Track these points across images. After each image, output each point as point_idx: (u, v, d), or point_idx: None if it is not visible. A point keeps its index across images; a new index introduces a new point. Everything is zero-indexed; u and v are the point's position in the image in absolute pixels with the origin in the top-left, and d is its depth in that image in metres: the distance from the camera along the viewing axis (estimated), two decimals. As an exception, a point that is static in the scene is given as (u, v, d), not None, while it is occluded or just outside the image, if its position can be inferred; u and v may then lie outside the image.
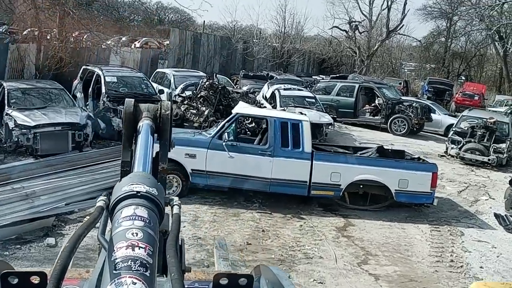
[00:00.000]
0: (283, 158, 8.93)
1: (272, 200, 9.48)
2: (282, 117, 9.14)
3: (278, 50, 32.27)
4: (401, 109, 19.49)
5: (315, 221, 8.72)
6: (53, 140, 10.80)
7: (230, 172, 8.92)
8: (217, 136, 8.95)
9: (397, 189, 9.03)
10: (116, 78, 13.92)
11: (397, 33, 40.72)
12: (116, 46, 21.31)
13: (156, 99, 13.71)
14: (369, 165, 9.10)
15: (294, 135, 8.98)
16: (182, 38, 24.51)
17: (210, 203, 9.04)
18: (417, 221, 9.21)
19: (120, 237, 1.08)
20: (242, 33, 33.81)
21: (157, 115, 1.61)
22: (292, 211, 9.09)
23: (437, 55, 49.75)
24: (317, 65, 38.69)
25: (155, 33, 42.95)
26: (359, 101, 20.44)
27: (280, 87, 17.17)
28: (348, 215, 9.16)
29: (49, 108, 11.57)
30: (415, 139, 18.96)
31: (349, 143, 16.62)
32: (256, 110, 9.79)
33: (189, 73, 18.28)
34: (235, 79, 23.54)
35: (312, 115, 14.91)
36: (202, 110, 12.08)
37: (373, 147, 10.46)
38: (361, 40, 39.92)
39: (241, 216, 8.56)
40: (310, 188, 9.01)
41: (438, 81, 36.24)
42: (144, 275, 1.01)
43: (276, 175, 8.93)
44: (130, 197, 1.19)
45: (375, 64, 43.93)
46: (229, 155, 8.83)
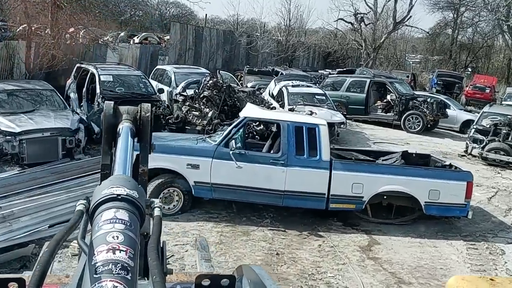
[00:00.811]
0: (298, 167, 7.88)
1: (285, 214, 8.46)
2: (296, 121, 8.07)
3: (283, 44, 31.06)
4: (415, 105, 18.40)
5: (335, 239, 7.68)
6: (41, 148, 9.77)
7: (238, 184, 7.88)
8: (223, 144, 7.90)
9: (427, 201, 7.98)
10: (112, 77, 12.88)
11: (404, 25, 39.54)
12: (113, 42, 20.25)
13: (155, 99, 12.70)
14: (395, 174, 8.04)
15: (310, 141, 7.92)
16: (183, 33, 23.39)
17: (215, 219, 8.01)
18: (449, 236, 8.17)
19: (101, 240, 1.06)
20: (245, 27, 32.62)
21: (137, 118, 1.62)
22: (308, 227, 8.06)
23: (444, 46, 48.61)
24: (322, 59, 37.49)
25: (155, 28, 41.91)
26: (370, 97, 19.35)
27: (288, 84, 16.08)
28: (371, 231, 8.12)
29: (37, 111, 10.53)
30: (430, 136, 17.91)
31: (363, 142, 15.60)
32: (266, 113, 8.72)
33: (191, 70, 17.18)
34: (239, 75, 22.43)
35: (323, 114, 13.89)
36: (206, 112, 11.01)
37: (397, 151, 9.39)
38: (366, 32, 38.76)
39: (252, 235, 7.53)
40: (329, 201, 7.97)
41: (447, 74, 35.16)
42: (125, 279, 1.00)
43: (290, 187, 7.88)
44: (110, 200, 1.17)
45: (381, 57, 42.73)
46: (236, 165, 7.78)
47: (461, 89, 33.02)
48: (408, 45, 52.59)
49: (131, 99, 12.13)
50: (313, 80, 20.87)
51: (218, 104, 11.17)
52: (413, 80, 32.23)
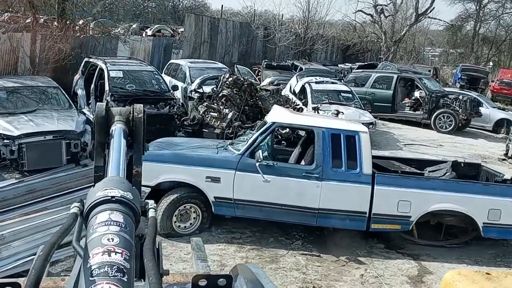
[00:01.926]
0: (334, 182, 6.76)
1: (317, 233, 7.37)
2: (333, 127, 6.93)
3: (301, 36, 29.74)
4: (446, 102, 17.15)
5: (378, 267, 6.57)
6: (43, 152, 8.75)
7: (265, 200, 6.78)
8: (248, 153, 6.80)
9: (487, 222, 6.81)
10: (122, 72, 11.81)
11: (426, 17, 38.02)
12: (125, 35, 19.20)
13: (169, 97, 11.63)
14: (449, 190, 6.87)
15: (349, 151, 6.80)
16: (198, 25, 22.25)
17: (238, 241, 6.93)
18: (510, 262, 7.02)
19: (96, 243, 1.06)
20: (262, 18, 31.34)
21: (129, 119, 1.61)
22: (346, 251, 6.94)
23: (465, 39, 47.02)
24: (341, 52, 36.14)
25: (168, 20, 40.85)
26: (397, 94, 18.11)
27: (311, 80, 14.90)
28: (419, 256, 6.99)
29: (39, 112, 9.51)
30: (462, 136, 16.70)
31: (392, 144, 14.45)
32: (297, 117, 7.58)
33: (207, 65, 16.07)
34: (257, 70, 21.27)
35: (350, 114, 12.79)
36: (225, 112, 9.88)
37: (446, 161, 8.22)
38: (385, 24, 37.36)
39: (281, 262, 6.44)
40: (370, 220, 6.84)
41: (471, 68, 33.77)
42: (121, 281, 0.99)
43: (326, 204, 6.77)
44: (104, 202, 1.17)
45: (400, 50, 41.29)
46: (263, 178, 6.68)
47: (486, 84, 31.69)
48: (426, 38, 51.10)
49: (143, 97, 11.12)
50: (338, 76, 19.65)
51: (239, 104, 10.05)
52: (435, 74, 30.90)
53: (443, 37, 52.50)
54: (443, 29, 49.47)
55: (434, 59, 48.11)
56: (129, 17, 34.03)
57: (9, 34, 13.34)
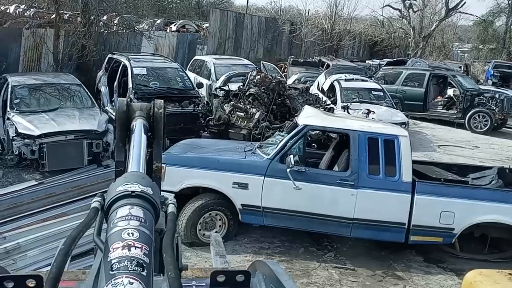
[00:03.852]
0: (371, 190, 6.26)
1: (350, 243, 6.88)
2: (369, 131, 6.43)
3: (328, 32, 29.08)
4: (481, 101, 16.36)
5: (418, 283, 6.07)
6: (64, 153, 8.51)
7: (296, 209, 6.33)
8: (278, 158, 6.36)
9: (538, 236, 6.25)
10: (145, 69, 11.48)
11: (457, 11, 36.89)
12: (149, 30, 18.93)
13: (194, 95, 11.24)
14: (496, 200, 6.31)
15: (388, 157, 6.29)
16: (223, 20, 21.85)
17: (266, 251, 6.51)
18: None
19: (116, 237, 1.06)
20: (288, 14, 30.74)
21: (150, 114, 1.62)
22: (382, 264, 6.46)
23: (496, 34, 45.59)
24: (368, 48, 35.33)
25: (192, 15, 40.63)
26: (429, 92, 17.39)
27: (340, 78, 14.34)
28: (462, 271, 6.41)
29: (60, 110, 9.25)
30: (499, 137, 15.89)
31: (425, 145, 13.84)
32: (330, 119, 7.09)
33: (233, 61, 15.65)
34: (283, 66, 20.77)
35: (382, 113, 12.21)
36: (252, 112, 9.44)
37: (489, 167, 7.64)
38: (414, 20, 36.38)
39: (314, 276, 5.98)
40: (410, 232, 6.33)
41: (505, 65, 32.57)
42: (141, 275, 0.99)
43: (361, 214, 6.28)
44: (125, 197, 1.17)
45: (429, 46, 40.21)
46: (294, 185, 6.23)
47: (520, 81, 30.55)
48: (454, 34, 49.77)
49: (167, 95, 10.76)
50: (368, 73, 19.02)
51: (267, 103, 9.60)
52: (466, 71, 29.90)
53: (472, 32, 51.09)
54: (472, 24, 48.12)
55: (464, 55, 46.85)
56: (153, 13, 33.90)
57: (32, 30, 13.15)
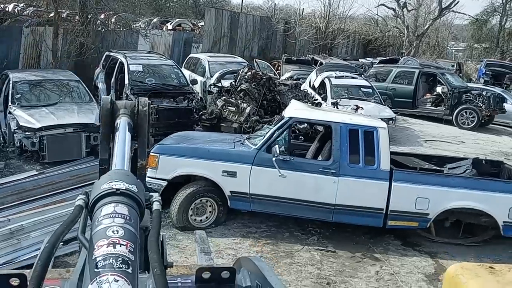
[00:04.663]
0: (351, 178, 6.71)
1: (333, 229, 7.32)
2: (350, 123, 6.87)
3: (322, 31, 29.52)
4: (469, 98, 16.84)
5: (394, 264, 6.51)
6: (63, 145, 8.92)
7: (281, 195, 6.77)
8: (265, 148, 6.79)
9: (507, 221, 6.69)
10: (141, 66, 11.88)
11: (450, 11, 37.33)
12: (145, 29, 19.32)
13: (188, 91, 11.67)
14: (469, 188, 6.75)
15: (367, 147, 6.73)
16: (218, 19, 22.26)
17: (254, 235, 6.94)
18: (531, 262, 6.87)
19: (101, 235, 1.07)
20: (282, 13, 31.15)
21: (134, 112, 1.62)
22: (362, 247, 6.90)
23: (490, 34, 46.04)
24: (362, 47, 35.77)
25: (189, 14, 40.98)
26: (419, 89, 17.85)
27: (331, 75, 14.79)
28: (436, 253, 6.90)
29: (60, 105, 9.67)
30: (485, 133, 16.36)
31: (412, 140, 14.28)
32: (314, 112, 7.53)
33: (227, 59, 16.07)
34: (276, 64, 21.20)
35: (370, 109, 12.65)
36: (243, 107, 9.88)
37: (466, 158, 8.10)
38: (408, 19, 36.81)
39: (296, 257, 6.43)
40: (387, 217, 6.78)
41: (497, 64, 32.97)
42: (126, 272, 1.00)
43: (342, 200, 6.73)
44: (109, 195, 1.18)
45: (423, 45, 40.66)
46: (280, 173, 6.68)
47: (511, 80, 30.97)
48: (449, 33, 50.19)
49: (162, 91, 11.21)
50: (358, 70, 19.47)
51: (257, 98, 10.04)
52: (459, 70, 30.34)
53: (467, 31, 51.52)
54: (467, 24, 48.54)
55: (458, 54, 47.26)
56: (150, 11, 34.24)
57: (32, 28, 13.54)
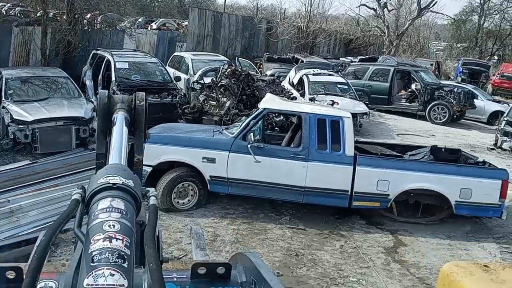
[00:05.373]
0: (319, 162, 7.42)
1: (305, 211, 8.03)
2: (318, 113, 7.59)
3: (303, 30, 30.31)
4: (441, 95, 17.72)
5: (358, 239, 7.24)
6: (54, 137, 9.51)
7: (256, 179, 7.46)
8: (241, 136, 7.48)
9: (458, 200, 7.47)
10: (127, 64, 12.51)
11: (429, 11, 38.35)
12: (131, 28, 19.90)
13: (172, 88, 12.32)
14: (424, 171, 7.52)
15: (334, 135, 7.45)
16: (201, 19, 22.90)
17: (231, 216, 7.63)
18: (481, 238, 7.66)
19: (97, 229, 1.06)
20: (265, 12, 31.88)
21: (132, 107, 1.61)
22: (330, 226, 7.63)
23: (469, 33, 47.21)
24: (343, 46, 36.63)
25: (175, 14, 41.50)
26: (394, 86, 18.71)
27: (309, 72, 15.53)
28: (396, 231, 7.65)
29: (50, 99, 10.25)
30: (456, 128, 17.24)
31: (386, 134, 15.06)
32: (286, 104, 8.25)
33: (209, 57, 16.72)
34: (258, 63, 21.91)
35: (345, 104, 13.40)
36: (223, 101, 10.57)
37: (425, 146, 8.87)
38: (389, 19, 37.74)
39: (269, 234, 7.13)
40: (352, 198, 7.51)
41: (473, 62, 34.05)
42: (122, 267, 1.00)
43: (311, 183, 7.44)
44: (106, 189, 1.17)
45: (404, 44, 41.67)
46: (255, 159, 7.36)
47: (487, 78, 31.98)
48: (432, 32, 51.33)
49: (147, 87, 11.82)
50: (335, 68, 20.25)
51: (236, 93, 10.73)
52: (438, 68, 31.29)
53: (448, 31, 52.64)
54: (448, 23, 49.63)
55: (439, 53, 48.30)
56: (135, 11, 34.73)
57: (21, 27, 14.06)
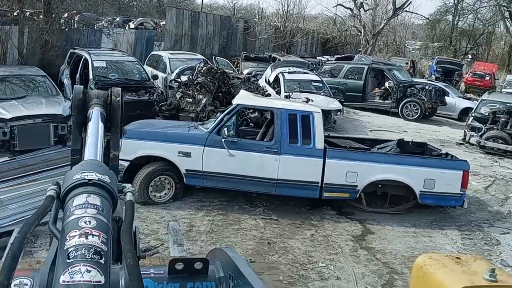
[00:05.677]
0: (291, 155, 7.75)
1: (278, 203, 8.35)
2: (290, 109, 7.92)
3: (280, 30, 30.72)
4: (413, 92, 18.27)
5: (328, 228, 7.59)
6: (33, 134, 9.64)
7: (230, 172, 7.75)
8: (215, 131, 7.76)
9: (423, 190, 7.87)
10: (105, 62, 12.69)
11: (404, 11, 39.12)
12: (108, 28, 19.99)
13: (149, 86, 12.53)
14: (390, 163, 7.92)
15: (304, 129, 7.78)
16: (179, 18, 23.07)
17: (207, 208, 7.91)
18: (444, 226, 8.08)
19: (73, 225, 1.05)
20: (243, 12, 32.19)
21: (107, 102, 1.59)
22: (301, 216, 7.97)
23: (443, 33, 48.21)
24: (320, 45, 37.15)
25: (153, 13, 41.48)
26: (368, 84, 19.20)
27: (285, 71, 15.89)
28: (365, 220, 8.02)
29: (28, 98, 10.38)
30: (428, 124, 17.79)
31: (359, 130, 15.48)
32: (259, 100, 8.57)
33: (187, 56, 16.95)
34: (236, 62, 22.19)
35: (319, 101, 13.76)
36: (199, 98, 10.85)
37: (393, 140, 9.27)
38: (366, 18, 38.40)
39: (243, 224, 7.43)
40: (322, 189, 7.85)
41: (446, 61, 34.89)
42: (98, 263, 0.98)
43: (284, 176, 7.76)
44: (81, 185, 1.15)
45: (380, 43, 42.44)
46: (229, 153, 7.66)
47: (460, 76, 32.79)
48: (408, 32, 52.27)
49: (125, 85, 12.01)
50: (310, 66, 20.67)
51: (212, 90, 11.01)
52: (413, 67, 31.98)
53: (424, 30, 53.61)
54: (424, 23, 50.55)
55: (415, 52, 49.17)
56: (113, 10, 34.67)
57: (-3, 26, 14.10)
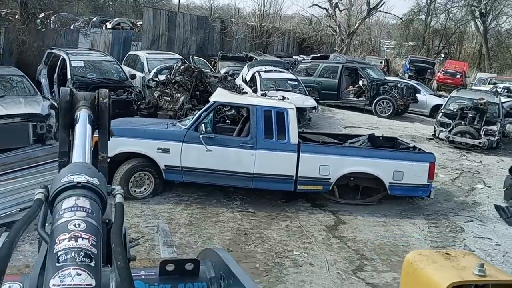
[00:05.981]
0: (266, 150, 8.07)
1: (255, 196, 8.66)
2: (265, 105, 8.24)
3: (257, 29, 31.09)
4: (386, 90, 18.79)
5: (302, 219, 7.93)
6: (12, 134, 9.74)
7: (208, 167, 8.03)
8: (193, 128, 8.03)
9: (392, 182, 8.28)
10: (83, 62, 12.81)
11: (378, 11, 39.86)
12: (85, 28, 20.03)
13: (127, 85, 12.71)
14: (361, 156, 8.31)
15: (279, 125, 8.11)
16: (156, 18, 23.21)
17: (186, 202, 8.17)
18: (412, 215, 8.50)
19: (62, 229, 1.04)
20: (219, 12, 32.45)
21: (95, 104, 1.58)
22: (277, 209, 8.29)
23: (417, 32, 49.22)
24: (297, 44, 37.63)
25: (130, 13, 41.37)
26: (342, 82, 19.67)
27: (261, 70, 16.23)
28: (338, 211, 8.39)
29: (7, 97, 10.45)
30: (400, 121, 18.32)
31: (334, 127, 15.90)
32: (235, 97, 8.87)
33: (164, 56, 17.15)
34: (213, 61, 22.45)
35: (295, 99, 14.10)
36: (177, 97, 11.09)
37: (364, 135, 9.67)
38: (341, 18, 39.01)
39: (221, 217, 7.72)
40: (297, 182, 8.19)
41: (419, 60, 35.69)
42: (89, 266, 0.98)
43: (260, 170, 8.08)
44: (70, 188, 1.15)
45: (355, 43, 43.13)
46: (206, 148, 7.94)
47: (433, 74, 33.58)
48: (383, 31, 53.19)
49: (103, 85, 12.16)
50: (286, 65, 21.05)
51: (190, 89, 11.27)
52: (387, 66, 32.66)
53: (398, 30, 54.56)
54: (397, 23, 51.46)
55: (390, 51, 50.04)
56: (89, 10, 34.52)
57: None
